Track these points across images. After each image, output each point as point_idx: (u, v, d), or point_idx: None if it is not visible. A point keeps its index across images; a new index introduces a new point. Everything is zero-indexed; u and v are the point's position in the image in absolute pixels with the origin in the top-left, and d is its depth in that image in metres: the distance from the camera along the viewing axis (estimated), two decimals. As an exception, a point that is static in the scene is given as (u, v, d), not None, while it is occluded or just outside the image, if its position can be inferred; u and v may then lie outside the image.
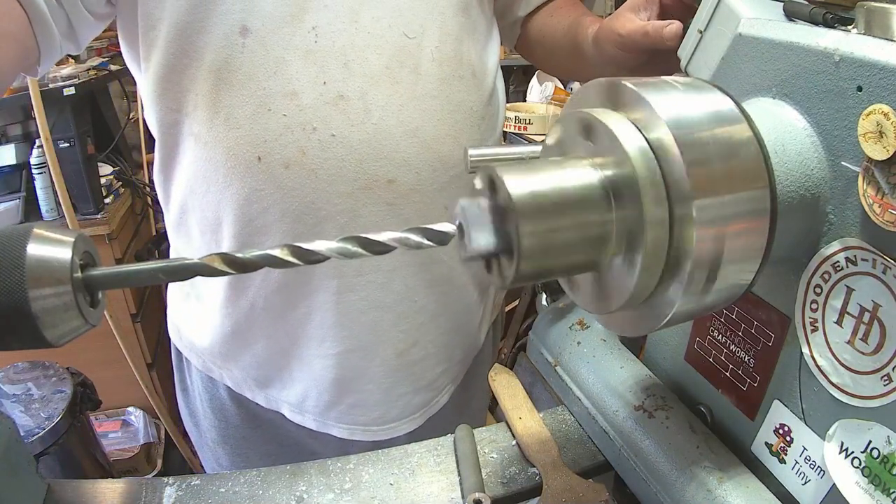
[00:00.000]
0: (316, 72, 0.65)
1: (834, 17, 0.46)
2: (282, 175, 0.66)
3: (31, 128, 1.83)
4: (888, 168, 0.36)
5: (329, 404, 0.80)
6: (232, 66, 0.65)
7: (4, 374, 1.53)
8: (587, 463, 0.60)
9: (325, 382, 0.78)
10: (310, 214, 0.68)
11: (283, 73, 0.65)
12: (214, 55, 0.65)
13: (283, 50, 0.65)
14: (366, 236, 0.36)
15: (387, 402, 0.81)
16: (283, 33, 0.65)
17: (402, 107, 0.68)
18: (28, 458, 0.52)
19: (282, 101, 0.65)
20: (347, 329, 0.74)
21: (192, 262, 0.34)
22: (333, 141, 0.66)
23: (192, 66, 0.66)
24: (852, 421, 0.41)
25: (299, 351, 0.77)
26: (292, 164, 0.66)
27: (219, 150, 0.67)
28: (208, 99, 0.67)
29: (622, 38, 0.66)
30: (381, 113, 0.67)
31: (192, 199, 0.73)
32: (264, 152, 0.66)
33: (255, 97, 0.65)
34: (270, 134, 0.66)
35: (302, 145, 0.66)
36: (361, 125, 0.66)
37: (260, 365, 0.80)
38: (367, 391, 0.79)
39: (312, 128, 0.65)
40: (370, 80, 0.67)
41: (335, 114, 0.66)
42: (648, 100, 0.36)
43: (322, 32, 0.65)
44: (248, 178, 0.67)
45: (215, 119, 0.67)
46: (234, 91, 0.66)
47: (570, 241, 0.37)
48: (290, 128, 0.65)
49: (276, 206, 0.68)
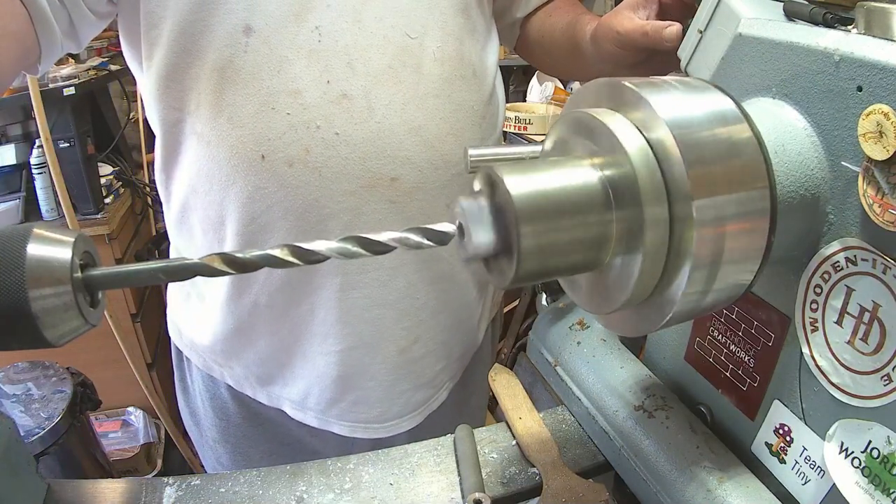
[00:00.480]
0: (319, 71, 0.66)
1: (834, 17, 0.46)
2: (285, 173, 0.67)
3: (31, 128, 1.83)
4: (888, 168, 0.36)
5: (331, 402, 0.80)
6: (235, 65, 0.65)
7: (4, 374, 1.53)
8: (587, 463, 0.60)
9: (328, 380, 0.78)
10: (313, 212, 0.68)
11: (286, 72, 0.65)
12: (218, 54, 0.65)
13: (287, 49, 0.65)
14: (366, 236, 0.36)
15: (388, 400, 0.81)
16: (287, 33, 0.65)
17: (405, 105, 0.68)
18: (28, 458, 0.52)
19: (285, 99, 0.65)
20: (350, 326, 0.75)
21: (192, 262, 0.34)
22: (337, 139, 0.66)
23: (196, 64, 0.66)
24: (852, 421, 0.40)
25: (302, 348, 0.77)
26: (296, 162, 0.66)
27: (222, 148, 0.67)
28: (211, 98, 0.67)
29: (620, 37, 0.66)
30: (384, 112, 0.67)
31: (194, 198, 0.73)
32: (268, 150, 0.66)
33: (258, 96, 0.66)
34: (274, 132, 0.66)
35: (305, 144, 0.66)
36: (365, 124, 0.67)
37: (262, 362, 0.80)
38: (368, 388, 0.80)
39: (316, 126, 0.66)
40: (373, 79, 0.67)
41: (339, 112, 0.66)
42: (648, 100, 0.36)
43: (325, 32, 0.66)
44: (251, 177, 0.67)
45: (219, 118, 0.67)
46: (237, 90, 0.66)
47: (569, 241, 0.37)
48: (293, 126, 0.66)
49: (280, 204, 0.68)
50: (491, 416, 2.10)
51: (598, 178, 0.37)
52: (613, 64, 0.71)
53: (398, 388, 0.81)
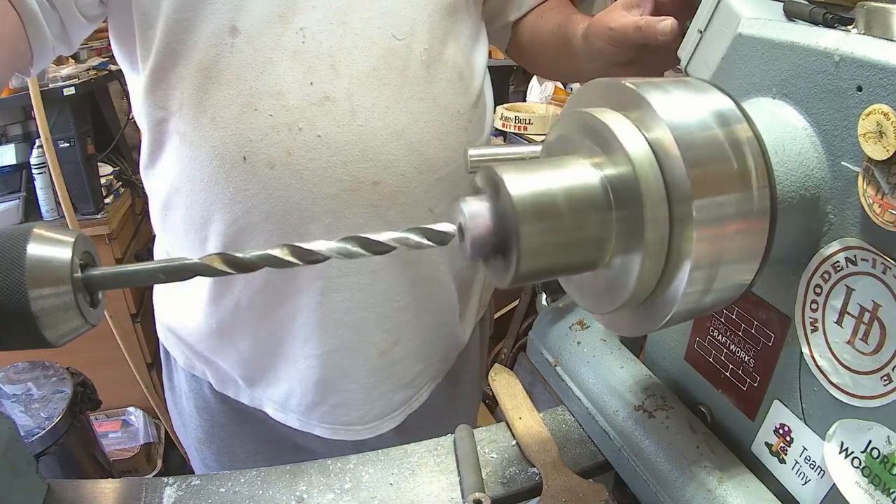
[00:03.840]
0: (303, 72, 0.65)
1: (834, 17, 0.46)
2: (267, 175, 0.66)
3: (31, 128, 1.84)
4: (888, 168, 0.36)
5: (312, 404, 0.80)
6: (220, 65, 0.65)
7: (4, 374, 1.53)
8: (587, 463, 0.60)
9: (309, 382, 0.78)
10: (294, 215, 0.68)
11: (270, 73, 0.65)
12: (203, 54, 0.65)
13: (271, 50, 0.65)
14: (366, 236, 0.36)
15: (369, 402, 0.81)
16: (272, 33, 0.65)
17: (389, 109, 0.68)
18: (28, 458, 0.52)
19: (268, 101, 0.65)
20: (331, 329, 0.74)
21: (192, 262, 0.34)
22: (319, 142, 0.66)
23: (181, 63, 0.66)
24: (852, 421, 0.41)
25: (283, 350, 0.77)
26: (278, 164, 0.66)
27: (204, 149, 0.67)
28: (195, 97, 0.66)
29: (612, 32, 0.65)
30: (367, 114, 0.67)
31: (176, 198, 0.72)
32: (250, 152, 0.66)
33: (241, 97, 0.65)
34: (256, 134, 0.65)
35: (287, 146, 0.65)
36: (347, 126, 0.66)
37: (245, 363, 0.80)
38: (350, 391, 0.79)
39: (298, 128, 0.65)
40: (357, 82, 0.66)
41: (321, 115, 0.65)
42: (649, 100, 0.36)
43: (310, 33, 0.65)
44: (233, 178, 0.67)
45: (202, 118, 0.66)
46: (221, 90, 0.66)
47: (570, 241, 0.37)
48: (275, 128, 0.65)
49: (261, 206, 0.67)
50: (491, 416, 2.10)
51: (598, 177, 0.37)
52: (605, 62, 0.70)
53: (379, 389, 0.81)
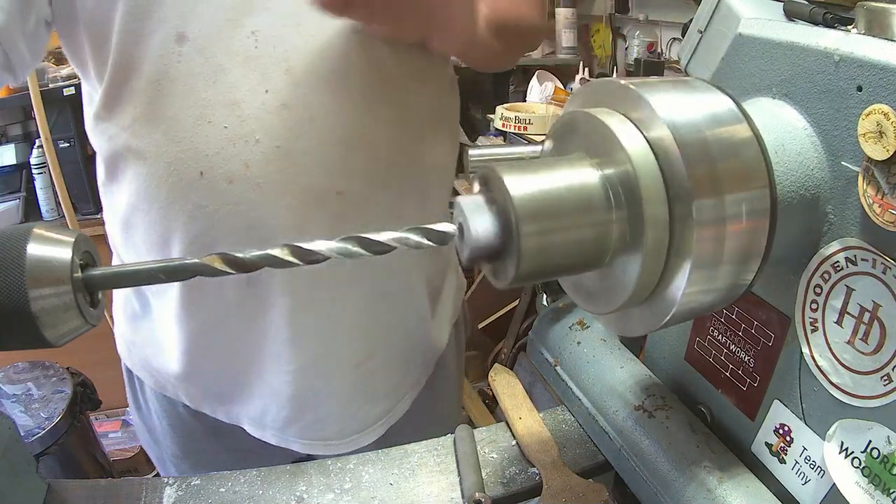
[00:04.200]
0: (257, 79, 0.62)
1: (834, 17, 0.47)
2: (225, 190, 0.63)
3: (31, 128, 1.84)
4: (888, 168, 0.36)
5: (288, 420, 0.78)
6: (170, 76, 0.62)
7: (4, 374, 1.54)
8: (587, 463, 0.60)
9: (283, 398, 0.76)
10: (257, 229, 0.65)
11: (222, 81, 0.62)
12: (152, 65, 0.62)
13: (222, 57, 0.62)
14: (366, 236, 0.36)
15: (346, 417, 0.79)
16: (222, 39, 0.62)
17: (350, 114, 0.65)
18: (28, 458, 0.52)
19: (222, 111, 0.62)
20: (302, 344, 0.72)
21: (192, 262, 0.35)
22: (278, 153, 0.63)
23: (133, 77, 0.63)
24: (852, 421, 0.41)
25: (256, 368, 0.75)
26: (236, 178, 0.63)
27: (160, 165, 0.64)
28: (147, 112, 0.64)
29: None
30: (327, 121, 0.64)
31: (135, 216, 0.69)
32: (206, 167, 0.63)
33: (194, 108, 0.62)
34: (212, 147, 0.62)
35: (245, 158, 0.62)
36: (307, 135, 0.63)
37: (218, 382, 0.78)
38: (325, 406, 0.77)
39: (255, 140, 0.62)
40: (314, 88, 0.63)
41: (279, 124, 0.62)
42: (648, 99, 0.36)
43: (262, 37, 0.62)
44: (190, 195, 0.64)
45: (154, 133, 0.64)
46: (173, 103, 0.62)
47: (570, 241, 0.37)
48: (232, 140, 0.62)
49: (222, 222, 0.65)
50: (490, 416, 2.10)
51: (598, 177, 0.37)
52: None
53: (355, 404, 0.79)
